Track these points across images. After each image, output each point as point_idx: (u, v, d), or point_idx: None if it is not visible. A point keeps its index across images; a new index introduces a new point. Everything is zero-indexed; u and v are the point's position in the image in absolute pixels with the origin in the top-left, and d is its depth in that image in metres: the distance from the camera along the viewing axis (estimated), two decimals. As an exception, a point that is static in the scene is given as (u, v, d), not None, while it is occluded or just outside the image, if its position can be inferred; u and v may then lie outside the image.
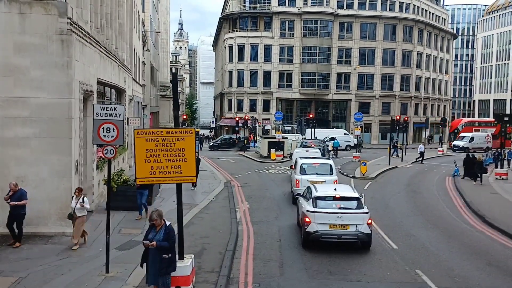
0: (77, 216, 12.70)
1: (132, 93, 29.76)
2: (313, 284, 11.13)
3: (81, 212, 12.80)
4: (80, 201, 12.70)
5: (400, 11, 72.72)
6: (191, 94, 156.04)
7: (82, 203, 12.71)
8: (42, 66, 13.44)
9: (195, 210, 18.80)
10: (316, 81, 69.16)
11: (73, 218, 12.74)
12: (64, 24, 13.42)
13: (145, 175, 9.51)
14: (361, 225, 13.49)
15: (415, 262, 12.93)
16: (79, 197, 12.78)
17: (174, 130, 9.61)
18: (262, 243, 14.53)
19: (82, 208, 12.75)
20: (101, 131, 10.80)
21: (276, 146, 42.00)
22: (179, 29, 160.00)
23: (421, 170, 35.48)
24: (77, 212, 12.70)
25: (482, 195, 24.07)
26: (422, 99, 76.19)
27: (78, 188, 13.11)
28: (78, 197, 12.78)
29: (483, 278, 11.88)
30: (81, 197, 12.78)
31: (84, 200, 12.78)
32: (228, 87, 73.31)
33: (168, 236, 8.69)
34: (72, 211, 12.71)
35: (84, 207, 12.80)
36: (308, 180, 19.67)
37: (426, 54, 76.63)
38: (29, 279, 10.42)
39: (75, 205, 12.68)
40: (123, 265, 11.43)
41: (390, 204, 21.74)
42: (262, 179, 29.19)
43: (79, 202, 12.68)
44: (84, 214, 12.95)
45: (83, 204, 12.71)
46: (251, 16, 70.98)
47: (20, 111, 13.45)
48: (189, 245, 12.26)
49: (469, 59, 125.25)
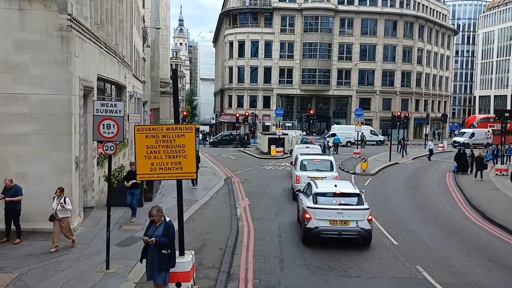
0: (59, 217, 12.14)
1: (132, 89, 29.73)
2: (313, 280, 11.14)
3: (63, 214, 12.19)
4: (62, 201, 12.10)
5: (400, 7, 72.56)
6: (192, 90, 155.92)
7: (64, 204, 12.08)
8: (42, 62, 13.40)
9: (195, 206, 18.82)
10: (316, 77, 69.07)
11: (55, 220, 12.17)
12: (64, 20, 13.38)
13: (146, 172, 9.53)
14: (362, 221, 13.50)
15: (416, 258, 12.95)
16: (61, 197, 12.17)
17: (175, 127, 9.61)
18: (263, 239, 14.55)
19: (64, 209, 12.14)
20: (102, 128, 10.79)
21: (276, 142, 42.01)
22: (179, 25, 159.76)
23: (421, 166, 35.47)
24: (59, 214, 12.12)
25: (482, 191, 24.07)
26: (422, 95, 76.12)
27: (59, 188, 12.40)
28: (59, 197, 12.17)
29: (483, 274, 11.90)
30: (63, 198, 12.17)
31: (65, 200, 12.17)
32: (228, 83, 73.24)
33: (167, 232, 8.69)
34: (53, 213, 12.13)
35: (66, 208, 12.16)
36: (308, 176, 19.71)
37: (427, 50, 76.49)
38: (30, 276, 10.44)
39: (56, 206, 12.11)
40: (124, 261, 11.45)
41: (390, 200, 21.75)
42: (262, 176, 29.20)
43: (60, 203, 12.07)
44: (67, 216, 12.33)
45: (64, 205, 12.08)
46: (252, 12, 70.83)
47: (20, 107, 13.42)
48: (189, 241, 12.28)
49: (470, 55, 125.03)
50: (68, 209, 12.27)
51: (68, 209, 12.27)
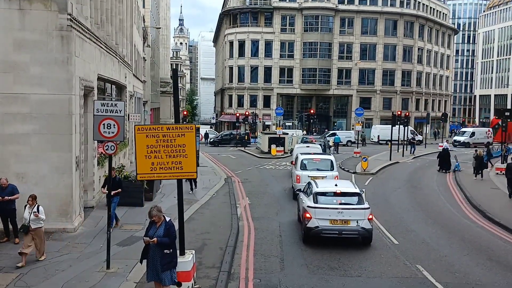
0: (32, 228, 11.14)
1: (132, 89, 29.73)
2: (313, 280, 11.15)
3: (37, 224, 11.20)
4: (35, 210, 11.15)
5: (401, 6, 72.55)
6: (192, 90, 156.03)
7: (37, 213, 11.13)
8: (42, 62, 13.40)
9: (195, 206, 18.82)
10: (317, 76, 69.05)
11: (28, 230, 11.14)
12: (64, 20, 13.37)
13: (146, 171, 9.54)
14: (362, 220, 13.49)
15: (416, 258, 12.95)
16: (33, 206, 11.24)
17: (175, 126, 9.62)
18: (263, 238, 14.55)
19: (37, 219, 11.16)
20: (102, 127, 10.79)
21: (276, 141, 42.01)
22: (179, 25, 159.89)
23: (422, 165, 35.46)
24: (32, 224, 11.13)
25: (482, 190, 24.06)
26: (423, 95, 76.11)
27: (31, 195, 11.46)
28: (32, 206, 11.24)
29: (484, 273, 11.89)
30: (35, 206, 11.23)
31: (39, 209, 11.23)
32: (228, 83, 73.23)
33: (168, 232, 8.67)
34: (26, 223, 11.17)
35: (40, 218, 11.19)
36: (308, 175, 19.71)
37: (427, 49, 76.47)
38: (30, 275, 10.44)
39: (29, 216, 11.12)
40: (124, 261, 11.45)
41: (391, 199, 21.74)
42: (262, 175, 29.20)
43: (34, 212, 11.12)
44: (41, 226, 11.33)
45: (38, 214, 11.13)
46: (252, 11, 70.82)
47: (20, 107, 13.42)
48: (190, 241, 12.28)
49: (470, 54, 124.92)
50: (42, 218, 11.31)
51: (42, 218, 11.31)
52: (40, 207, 11.36)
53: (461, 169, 30.89)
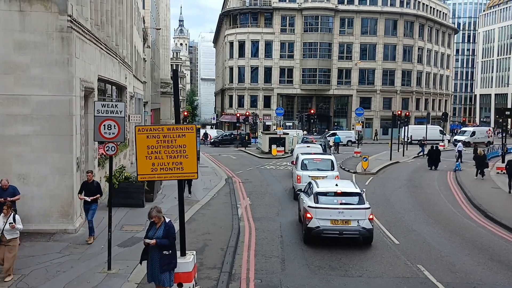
0: (6, 239, 9.98)
1: (133, 90, 29.74)
2: (314, 280, 11.15)
3: (13, 234, 10.11)
4: (10, 220, 10.00)
5: (401, 6, 72.59)
6: (192, 90, 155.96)
7: (13, 223, 9.99)
8: (42, 63, 13.41)
9: (196, 206, 18.81)
10: (317, 76, 69.08)
11: (2, 242, 9.99)
12: (64, 21, 13.39)
13: (147, 172, 9.53)
14: (363, 220, 13.49)
15: (417, 257, 12.94)
16: (8, 215, 10.06)
17: (175, 127, 9.60)
18: (264, 239, 14.55)
19: (13, 230, 10.07)
20: (102, 128, 10.81)
21: (277, 142, 42.02)
22: (179, 26, 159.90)
23: (422, 165, 35.41)
24: (7, 235, 9.98)
25: (483, 189, 24.06)
26: (423, 94, 76.10)
27: (6, 204, 10.42)
28: (7, 215, 10.06)
29: (485, 273, 11.89)
30: (11, 215, 10.09)
31: (15, 218, 10.09)
32: (229, 83, 73.26)
33: (168, 233, 8.67)
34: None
35: (17, 228, 10.12)
36: (309, 175, 19.71)
37: (427, 49, 76.47)
38: (31, 277, 10.44)
39: (3, 226, 9.93)
40: (125, 262, 11.45)
41: (391, 199, 21.74)
42: (263, 175, 29.21)
43: (10, 222, 9.97)
44: (17, 236, 10.26)
45: (14, 224, 10.00)
46: (252, 12, 70.86)
47: (21, 108, 13.43)
48: (190, 242, 12.29)
49: (470, 53, 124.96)
50: (19, 228, 10.23)
51: (19, 228, 10.23)
52: (17, 215, 10.27)
53: (462, 169, 30.86)
